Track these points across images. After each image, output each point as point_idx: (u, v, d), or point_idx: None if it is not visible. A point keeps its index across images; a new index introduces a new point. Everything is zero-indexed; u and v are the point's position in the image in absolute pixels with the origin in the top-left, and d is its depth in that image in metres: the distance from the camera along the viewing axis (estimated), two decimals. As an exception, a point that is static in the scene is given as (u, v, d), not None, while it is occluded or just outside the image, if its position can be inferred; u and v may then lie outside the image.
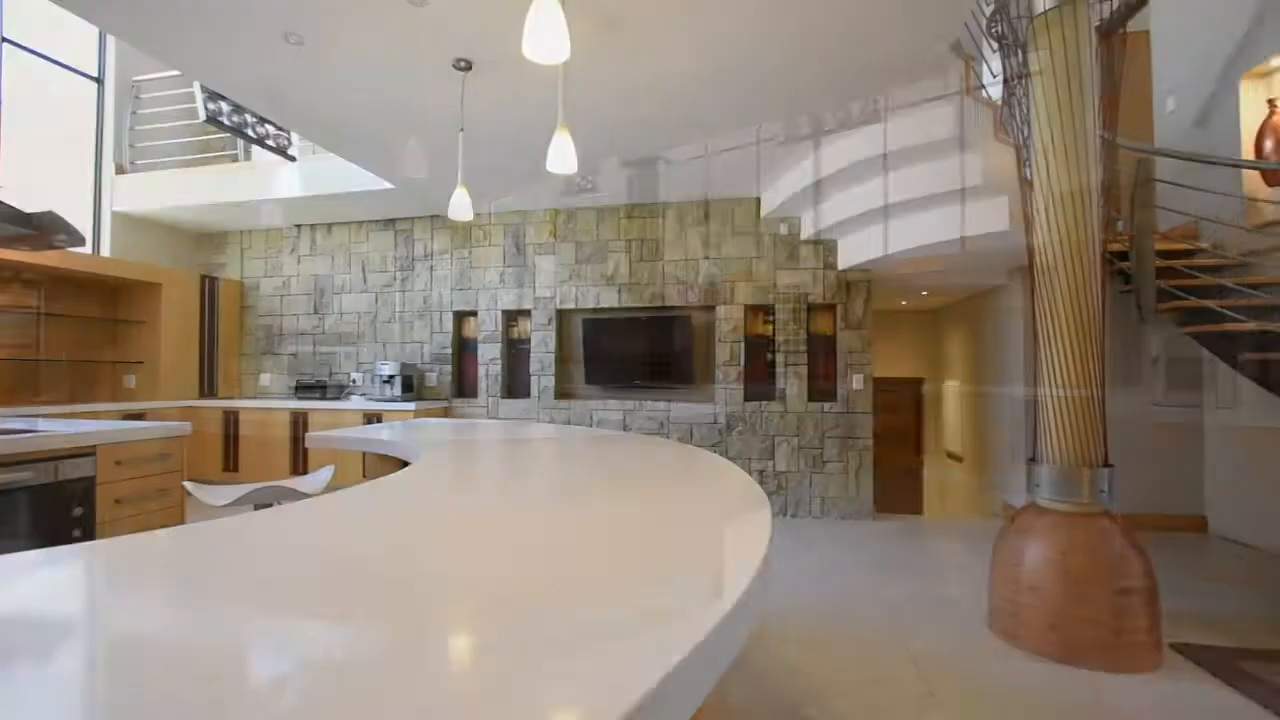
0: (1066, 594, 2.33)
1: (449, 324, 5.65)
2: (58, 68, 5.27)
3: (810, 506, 4.84)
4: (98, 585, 0.77)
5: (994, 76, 3.01)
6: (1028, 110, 2.68)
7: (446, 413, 5.57)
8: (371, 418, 5.12)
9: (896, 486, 8.22)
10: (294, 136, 5.05)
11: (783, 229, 4.93)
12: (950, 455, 7.13)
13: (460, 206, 2.99)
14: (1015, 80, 2.82)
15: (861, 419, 4.79)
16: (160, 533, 0.96)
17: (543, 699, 0.49)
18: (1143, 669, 2.25)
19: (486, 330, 5.54)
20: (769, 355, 5.07)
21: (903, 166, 3.72)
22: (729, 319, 5.04)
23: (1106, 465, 2.49)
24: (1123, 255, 3.56)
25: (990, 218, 3.54)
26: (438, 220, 5.70)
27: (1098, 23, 2.74)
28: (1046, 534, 2.45)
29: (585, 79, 3.09)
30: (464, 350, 5.73)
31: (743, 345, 5.03)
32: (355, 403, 5.33)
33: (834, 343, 4.92)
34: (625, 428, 5.19)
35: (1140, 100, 4.77)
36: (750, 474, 1.71)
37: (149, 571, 0.80)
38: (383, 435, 2.39)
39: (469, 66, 2.98)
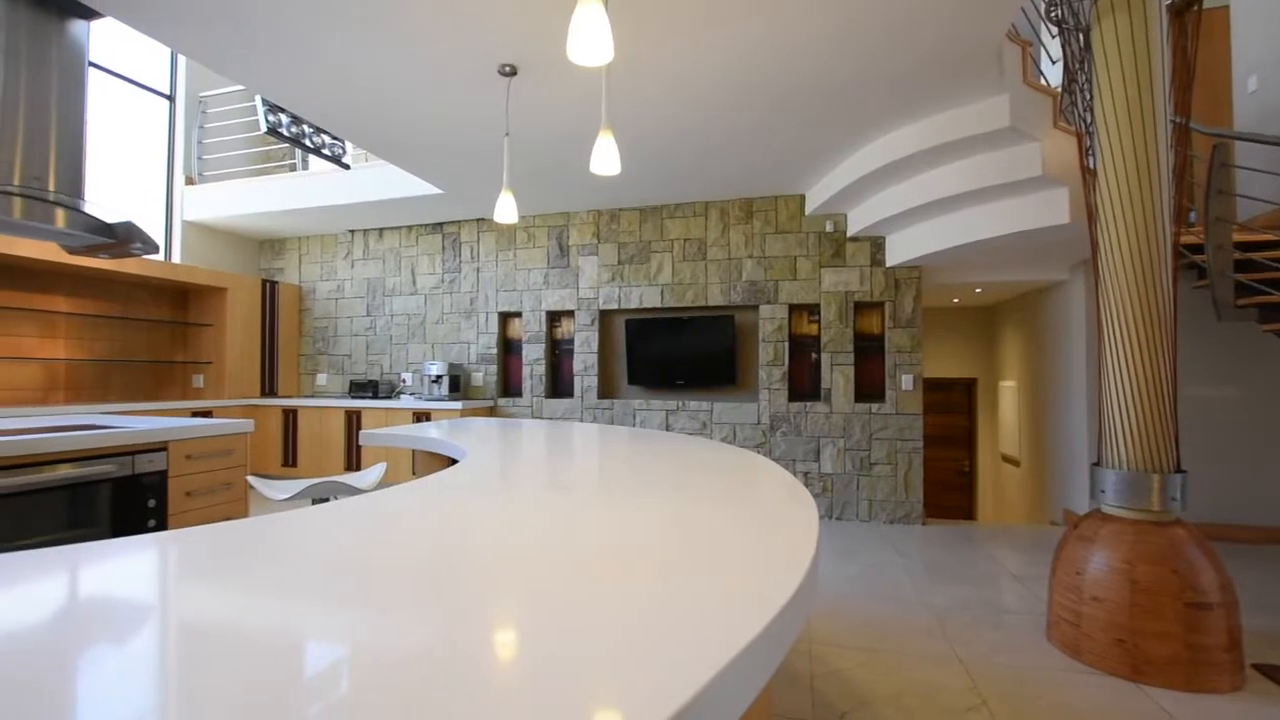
0: (1134, 606, 2.20)
1: (494, 325, 5.76)
2: (134, 87, 5.63)
3: (857, 509, 4.74)
4: (172, 572, 0.82)
5: (1053, 62, 2.87)
6: (1090, 96, 2.55)
7: (492, 412, 5.69)
8: (420, 416, 5.27)
9: (947, 490, 7.97)
10: (348, 145, 5.24)
11: (828, 226, 4.84)
12: (1006, 458, 6.85)
13: (506, 209, 3.05)
14: (1077, 65, 2.69)
15: (910, 420, 4.65)
16: (228, 524, 1.01)
17: (591, 696, 0.49)
18: (1220, 690, 2.12)
19: (531, 331, 5.63)
20: (814, 355, 4.98)
21: (955, 158, 3.60)
22: (773, 318, 4.98)
23: (1178, 470, 2.34)
24: (1196, 248, 3.35)
25: (1050, 210, 3.39)
26: (484, 223, 5.83)
27: (1169, 1, 2.59)
28: (1112, 542, 2.32)
29: (627, 80, 3.11)
30: (509, 351, 5.84)
31: (787, 345, 4.96)
32: (405, 402, 5.50)
33: (882, 342, 4.79)
34: (668, 428, 5.19)
35: (1217, 81, 4.48)
36: (795, 476, 1.68)
37: (218, 560, 0.84)
38: (431, 433, 2.46)
39: (514, 72, 3.03)
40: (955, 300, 7.20)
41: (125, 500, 2.36)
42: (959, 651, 2.44)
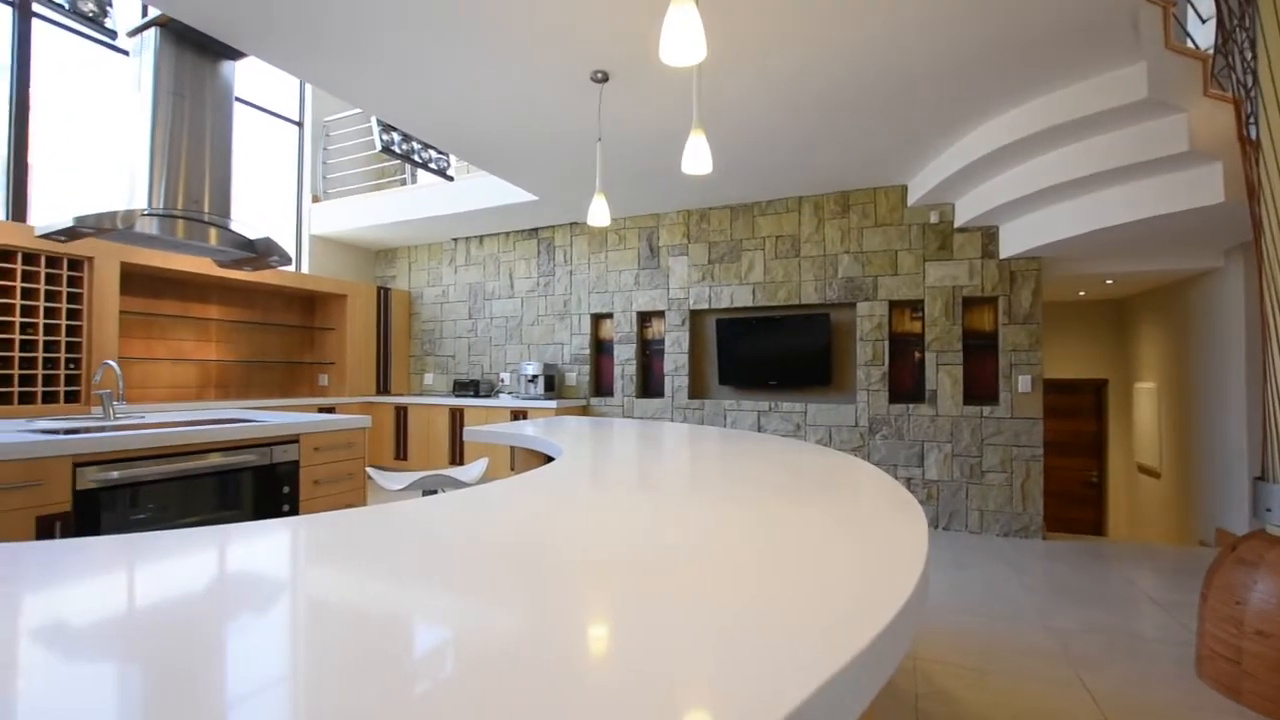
0: (1312, 644, 1.90)
1: (587, 326, 5.90)
2: (268, 116, 6.27)
3: (966, 520, 4.42)
4: (306, 552, 0.90)
5: (1203, 20, 2.54)
6: (1253, 56, 2.23)
7: (584, 411, 5.83)
8: (518, 414, 5.49)
9: (1072, 502, 7.25)
10: (451, 158, 5.56)
11: (933, 217, 4.55)
12: (1143, 469, 6.13)
13: (599, 213, 3.11)
14: (1235, 22, 2.37)
15: (1028, 425, 4.28)
16: (354, 511, 1.10)
17: (682, 703, 0.49)
18: None
19: (622, 332, 5.71)
20: (917, 354, 4.71)
21: (1081, 137, 3.27)
22: (872, 316, 4.75)
23: (1371, 488, 2.00)
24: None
25: (1200, 188, 3.00)
26: (576, 227, 5.99)
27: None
28: (1282, 568, 2.02)
29: (717, 78, 3.08)
30: (600, 351, 5.96)
31: (887, 344, 4.71)
32: (504, 400, 5.75)
33: (994, 340, 4.45)
34: (759, 429, 5.09)
35: None
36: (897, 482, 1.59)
37: (344, 544, 0.92)
38: (528, 431, 2.55)
39: (606, 78, 3.09)
40: (1081, 293, 6.55)
41: (264, 486, 2.64)
42: (1086, 679, 2.22)
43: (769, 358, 5.08)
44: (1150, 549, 4.11)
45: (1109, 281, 5.75)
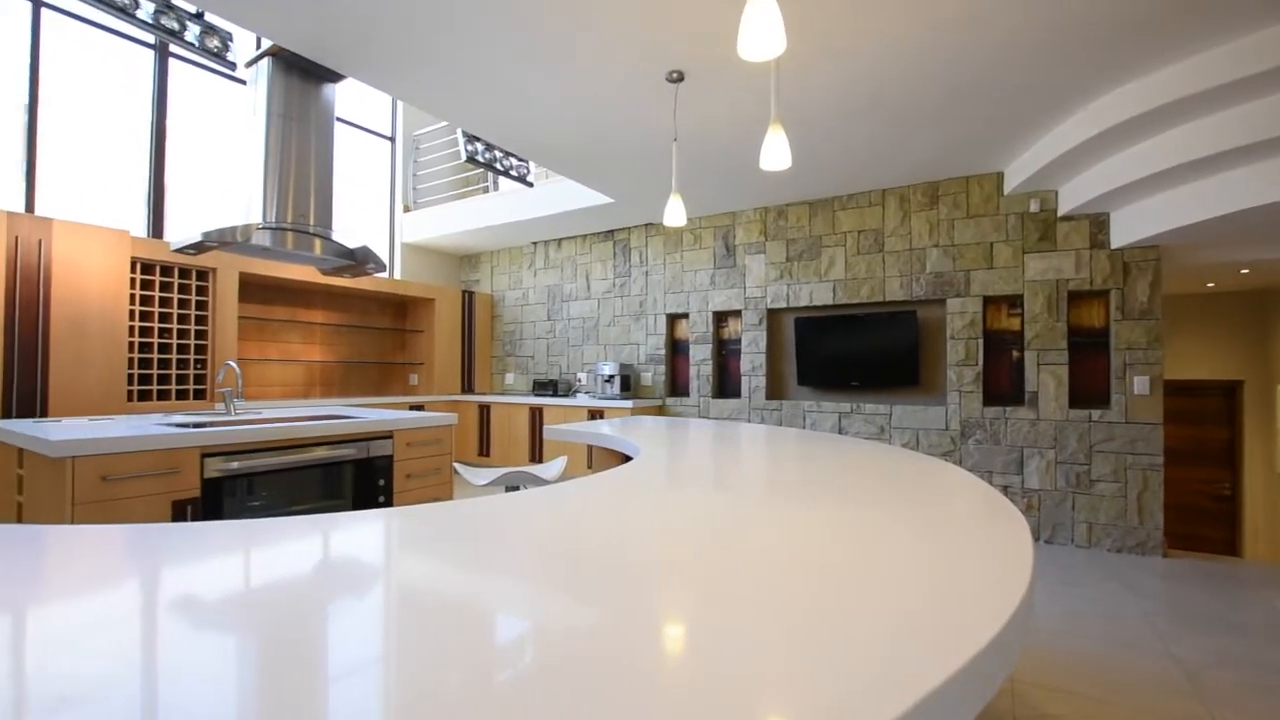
0: None
1: (662, 326, 5.92)
2: (364, 133, 6.71)
3: (1072, 533, 4.08)
4: (401, 542, 0.95)
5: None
6: None
7: (660, 411, 5.84)
8: (595, 414, 5.58)
9: (1198, 517, 6.53)
10: (530, 165, 5.73)
11: (1033, 206, 4.23)
12: (1288, 482, 5.43)
13: (675, 213, 3.11)
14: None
15: (1145, 430, 3.89)
16: (444, 504, 1.15)
17: (789, 706, 0.47)
18: None
19: (698, 331, 5.68)
20: (1015, 353, 4.39)
21: (1215, 109, 2.93)
22: (963, 313, 4.48)
23: None
24: None
25: (1360, 164, 2.62)
26: (651, 228, 6.01)
27: None
28: None
29: (795, 72, 3.00)
30: (676, 351, 5.96)
31: (981, 342, 4.43)
32: (581, 400, 5.86)
33: (1105, 337, 4.08)
34: (840, 431, 4.92)
35: None
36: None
37: (436, 535, 0.96)
38: (605, 430, 2.59)
39: (681, 78, 3.08)
40: (1210, 285, 5.91)
41: (362, 478, 2.82)
42: (1220, 719, 1.98)
43: (851, 357, 4.90)
44: (1298, 573, 3.64)
45: (1244, 271, 5.14)
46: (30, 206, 4.21)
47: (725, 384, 5.67)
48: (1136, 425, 3.91)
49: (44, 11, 4.28)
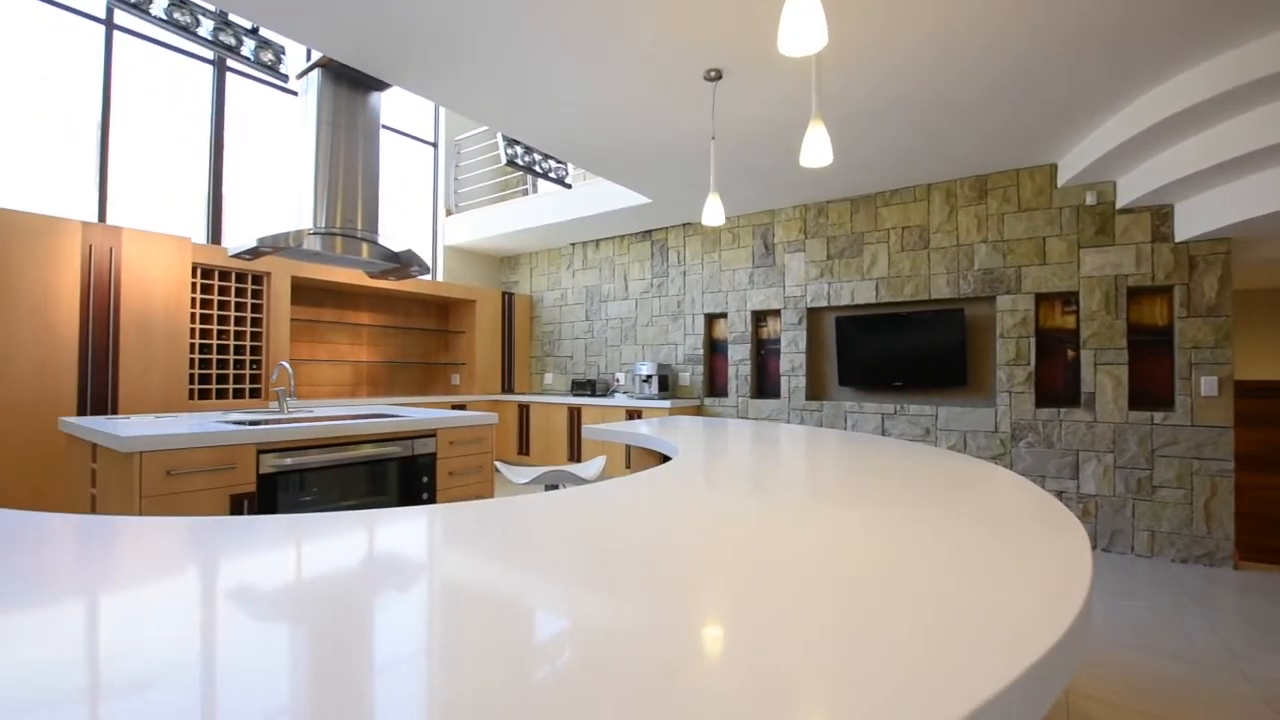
0: None
1: (700, 326, 5.89)
2: (408, 139, 6.89)
3: (1131, 541, 3.88)
4: (445, 538, 0.97)
5: None
6: None
7: (698, 411, 5.82)
8: (632, 414, 5.59)
9: (1273, 527, 6.11)
10: (569, 167, 5.79)
11: (1089, 198, 4.05)
12: (1377, 490, 5.04)
13: (713, 212, 3.09)
14: None
15: (1214, 434, 3.67)
16: (485, 502, 1.17)
17: (846, 710, 0.46)
18: None
19: (736, 331, 5.64)
20: (1070, 352, 4.21)
21: (1287, 95, 2.75)
22: (1014, 310, 4.32)
23: None
24: None
25: None
26: (689, 228, 5.99)
27: None
28: None
29: (835, 65, 2.94)
30: (714, 351, 5.92)
31: (1032, 341, 4.26)
32: (619, 400, 5.89)
33: (1169, 336, 3.87)
34: (884, 432, 4.80)
35: None
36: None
37: (478, 532, 0.98)
38: (643, 430, 2.59)
39: (719, 76, 3.06)
40: (1286, 280, 5.55)
41: (407, 475, 2.89)
42: (1302, 740, 1.86)
43: (894, 357, 4.78)
44: (1389, 588, 3.37)
45: (1326, 264, 4.81)
46: (103, 216, 4.47)
47: (764, 384, 5.61)
48: (1204, 429, 3.70)
49: (115, 34, 4.55)
